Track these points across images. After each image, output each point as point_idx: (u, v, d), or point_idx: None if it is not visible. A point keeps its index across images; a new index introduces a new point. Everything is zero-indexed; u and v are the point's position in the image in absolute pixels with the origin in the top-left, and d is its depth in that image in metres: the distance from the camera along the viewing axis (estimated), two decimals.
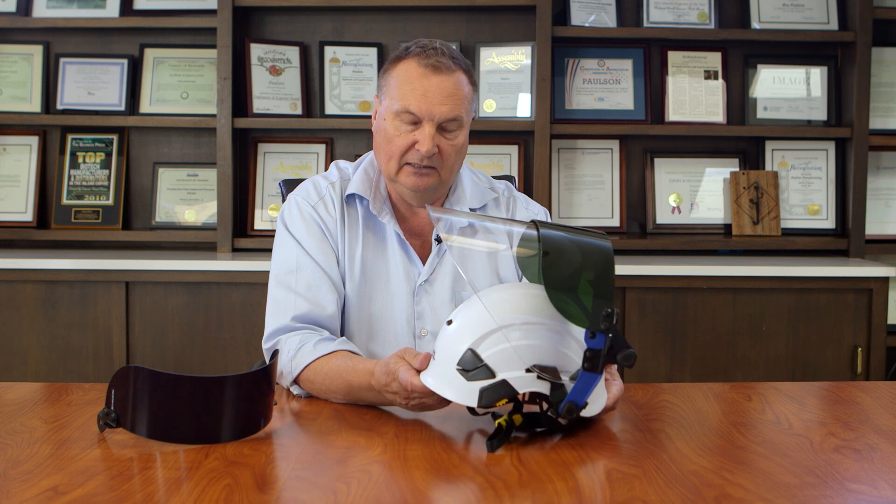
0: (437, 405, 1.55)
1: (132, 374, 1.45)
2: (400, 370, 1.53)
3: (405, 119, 1.81)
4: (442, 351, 1.49)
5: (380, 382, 1.58)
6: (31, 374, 3.18)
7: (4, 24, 3.54)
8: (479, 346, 1.45)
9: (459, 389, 1.45)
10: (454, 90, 1.81)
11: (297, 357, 1.77)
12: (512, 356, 1.44)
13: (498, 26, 3.60)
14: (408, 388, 1.52)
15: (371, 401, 1.67)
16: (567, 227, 1.50)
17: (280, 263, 1.90)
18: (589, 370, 1.41)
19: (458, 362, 1.45)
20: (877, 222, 3.56)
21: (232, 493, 1.25)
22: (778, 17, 3.54)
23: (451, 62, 1.81)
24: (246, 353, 3.14)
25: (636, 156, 3.63)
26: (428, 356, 1.53)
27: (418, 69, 1.80)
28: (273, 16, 3.62)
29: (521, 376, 1.45)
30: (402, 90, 1.81)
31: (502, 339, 1.45)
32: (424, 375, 1.51)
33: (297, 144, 3.60)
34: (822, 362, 3.16)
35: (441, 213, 1.65)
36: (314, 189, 1.94)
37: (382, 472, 1.34)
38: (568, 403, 1.44)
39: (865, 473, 1.35)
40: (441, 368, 1.48)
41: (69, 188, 3.56)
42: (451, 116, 1.81)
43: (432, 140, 1.79)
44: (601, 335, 1.39)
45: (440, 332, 1.52)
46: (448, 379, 1.46)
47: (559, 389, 1.45)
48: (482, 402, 1.44)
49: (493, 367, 1.44)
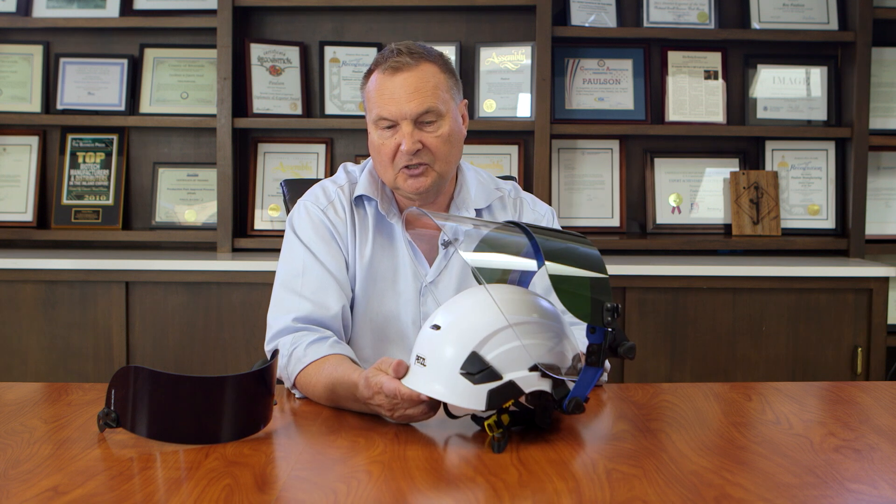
0: (421, 416, 1.53)
1: (132, 374, 1.45)
2: (383, 383, 1.51)
3: (383, 125, 1.84)
4: (434, 356, 1.45)
5: (363, 396, 1.57)
6: (31, 374, 3.18)
7: (4, 24, 3.54)
8: (483, 347, 1.43)
9: (465, 394, 1.43)
10: (419, 83, 1.82)
11: (290, 364, 1.78)
12: (516, 356, 1.44)
13: (498, 26, 3.60)
14: (396, 397, 1.49)
15: (359, 410, 1.66)
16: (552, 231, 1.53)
17: (287, 268, 1.90)
18: (591, 364, 1.42)
19: (462, 366, 1.43)
20: (877, 222, 3.56)
21: (232, 493, 1.25)
22: (778, 17, 3.54)
23: (410, 58, 1.82)
24: (246, 353, 3.14)
25: (636, 156, 3.63)
26: (401, 362, 1.50)
27: (381, 75, 1.84)
28: (273, 16, 3.62)
29: (525, 376, 1.44)
30: (374, 100, 1.84)
31: (504, 339, 1.44)
32: (411, 382, 1.47)
33: (297, 144, 3.60)
34: (822, 362, 3.16)
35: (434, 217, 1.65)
36: (323, 193, 1.95)
37: (382, 472, 1.34)
38: (573, 399, 1.45)
39: (865, 473, 1.35)
40: (438, 374, 1.45)
41: (69, 188, 3.57)
42: (423, 109, 1.81)
43: (412, 137, 1.81)
44: (601, 330, 1.40)
45: (421, 337, 1.49)
46: (449, 384, 1.43)
47: (561, 386, 1.46)
48: (491, 405, 1.43)
49: (499, 369, 1.43)
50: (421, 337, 1.50)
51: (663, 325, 3.14)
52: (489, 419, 1.47)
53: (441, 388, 1.44)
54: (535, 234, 1.46)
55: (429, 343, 1.47)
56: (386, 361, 1.54)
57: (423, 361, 1.47)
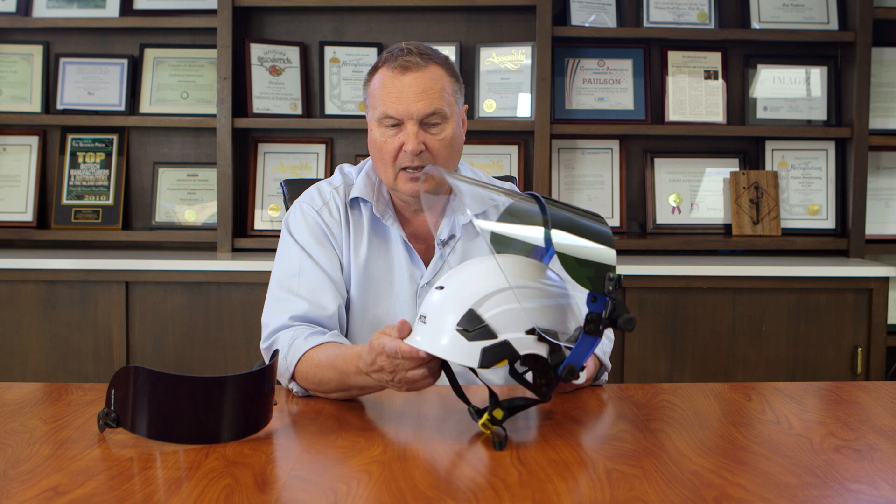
0: (421, 380, 1.52)
1: (132, 374, 1.45)
2: (385, 343, 1.51)
3: (387, 124, 1.84)
4: (435, 314, 1.46)
5: (366, 362, 1.56)
6: (31, 374, 3.18)
7: (4, 24, 3.54)
8: (481, 306, 1.44)
9: (459, 350, 1.43)
10: (428, 85, 1.82)
11: (290, 352, 1.77)
12: (513, 318, 1.44)
13: (498, 26, 3.60)
14: (397, 355, 1.49)
15: (362, 385, 1.65)
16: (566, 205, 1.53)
17: (283, 268, 1.90)
18: (589, 333, 1.41)
19: (459, 322, 1.44)
20: (877, 222, 3.56)
21: (232, 493, 1.25)
22: (778, 17, 3.54)
23: (419, 59, 1.82)
24: (246, 353, 3.14)
25: (636, 156, 3.63)
26: (404, 321, 1.51)
27: (389, 73, 1.83)
28: (273, 16, 3.62)
29: (521, 338, 1.44)
30: (379, 98, 1.84)
31: (503, 300, 1.44)
32: (414, 340, 1.48)
33: (297, 144, 3.60)
34: (822, 362, 3.16)
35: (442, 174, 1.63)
36: (318, 195, 1.95)
37: (382, 472, 1.34)
38: (568, 365, 1.44)
39: (865, 473, 1.35)
40: (437, 331, 1.45)
41: (69, 188, 3.57)
42: (430, 111, 1.81)
43: (417, 138, 1.81)
44: (602, 299, 1.39)
45: (427, 298, 1.50)
46: (446, 340, 1.44)
47: (558, 352, 1.46)
48: (483, 363, 1.43)
49: (495, 328, 1.44)
50: (426, 297, 1.51)
51: (663, 325, 3.14)
52: (483, 418, 1.47)
53: (437, 344, 1.45)
54: (548, 205, 1.45)
55: (431, 302, 1.48)
56: (389, 326, 1.54)
57: (425, 320, 1.48)
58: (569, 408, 1.69)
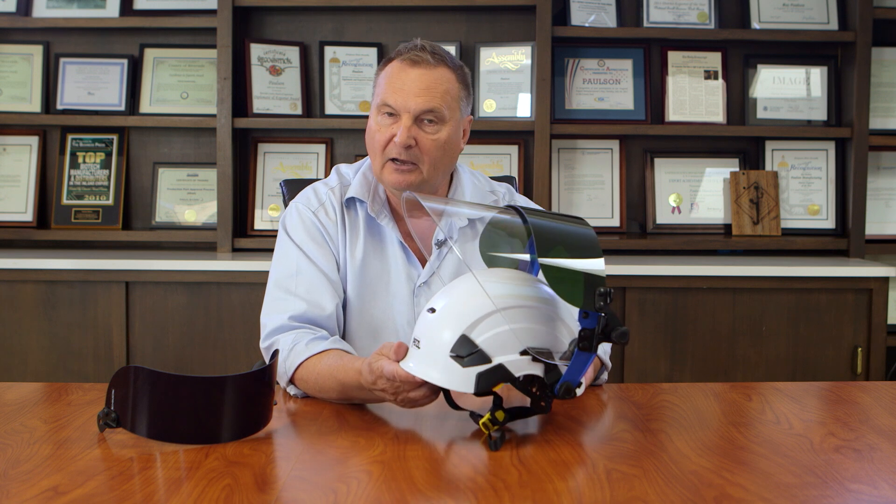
0: (423, 399, 1.53)
1: (132, 374, 1.45)
2: (384, 366, 1.52)
3: (384, 111, 1.85)
4: (429, 339, 1.47)
5: (367, 381, 1.58)
6: (31, 374, 3.18)
7: (4, 24, 3.54)
8: (473, 331, 1.44)
9: (454, 377, 1.44)
10: (432, 83, 1.82)
11: (290, 357, 1.77)
12: (506, 340, 1.44)
13: (498, 26, 3.60)
14: (395, 380, 1.50)
15: (363, 399, 1.67)
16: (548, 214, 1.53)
17: (280, 268, 1.91)
18: (584, 350, 1.41)
19: (452, 349, 1.44)
20: (877, 222, 3.56)
21: (232, 493, 1.25)
22: (778, 17, 3.54)
23: (431, 57, 1.83)
24: (246, 353, 3.14)
25: (636, 156, 3.63)
26: (401, 344, 1.52)
27: (399, 65, 1.85)
28: (273, 16, 3.62)
29: (516, 360, 1.44)
30: (383, 86, 1.85)
31: (495, 323, 1.44)
32: (408, 366, 1.48)
33: (297, 144, 3.60)
34: (822, 362, 3.16)
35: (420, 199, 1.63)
36: (314, 195, 1.96)
37: (382, 472, 1.34)
38: (564, 384, 1.44)
39: (865, 473, 1.35)
40: (431, 357, 1.46)
41: (69, 188, 3.57)
42: (427, 108, 1.82)
43: (408, 131, 1.81)
44: (594, 314, 1.39)
45: (419, 320, 1.50)
46: (441, 367, 1.45)
47: (553, 371, 1.46)
48: (479, 388, 1.43)
49: (489, 352, 1.44)
50: (419, 320, 1.51)
51: (663, 325, 3.14)
52: (484, 417, 1.47)
53: (433, 371, 1.46)
54: (529, 217, 1.46)
55: (424, 326, 1.49)
56: (388, 346, 1.55)
57: (419, 344, 1.48)
58: (569, 408, 1.69)
